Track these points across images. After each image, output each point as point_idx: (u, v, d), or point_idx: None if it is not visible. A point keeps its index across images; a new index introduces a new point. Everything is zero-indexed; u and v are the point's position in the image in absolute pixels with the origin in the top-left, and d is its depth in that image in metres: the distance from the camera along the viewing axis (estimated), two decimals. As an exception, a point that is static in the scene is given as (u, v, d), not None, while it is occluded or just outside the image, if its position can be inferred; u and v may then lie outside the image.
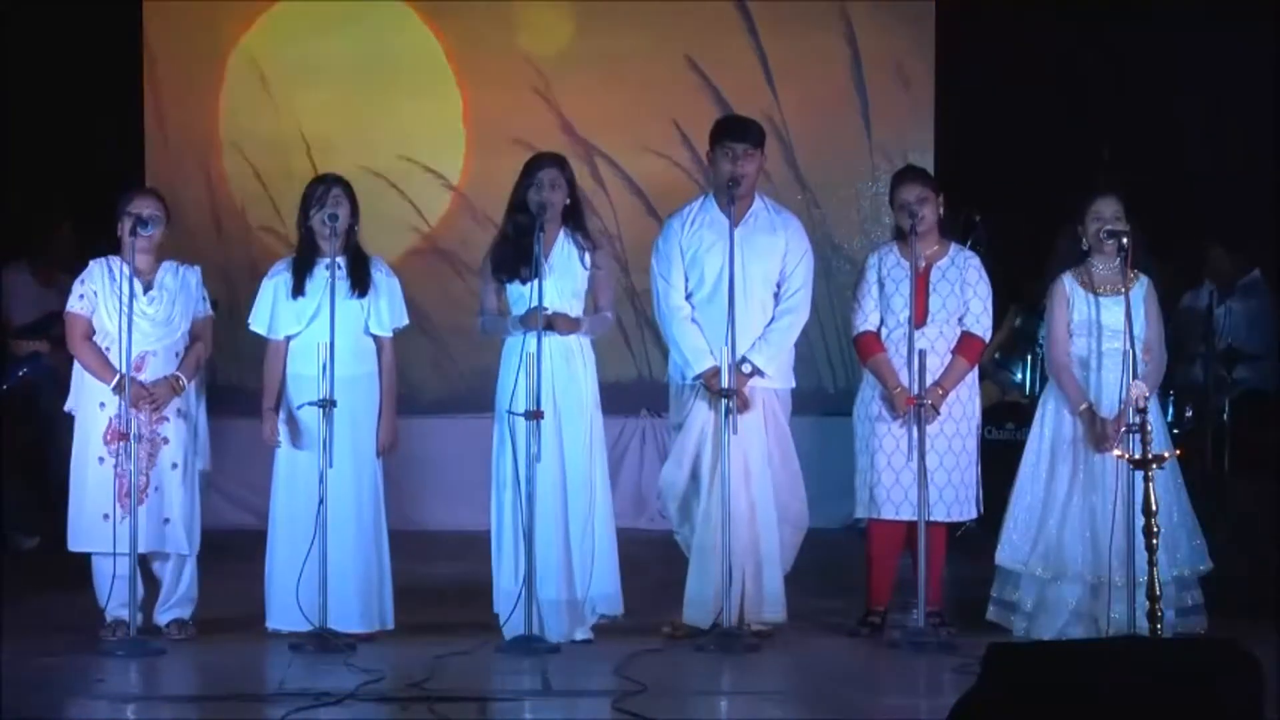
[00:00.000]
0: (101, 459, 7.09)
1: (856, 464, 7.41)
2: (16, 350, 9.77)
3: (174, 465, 7.18)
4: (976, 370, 7.49)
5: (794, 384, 7.41)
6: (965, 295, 7.35)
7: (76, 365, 7.25)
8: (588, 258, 7.21)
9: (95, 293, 7.18)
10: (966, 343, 7.35)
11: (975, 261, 7.47)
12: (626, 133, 11.13)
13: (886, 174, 10.15)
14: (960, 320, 7.35)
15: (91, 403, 7.17)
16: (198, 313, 7.30)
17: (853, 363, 7.60)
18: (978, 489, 7.40)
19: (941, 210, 7.37)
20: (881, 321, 7.36)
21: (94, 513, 7.04)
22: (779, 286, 7.30)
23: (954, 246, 7.46)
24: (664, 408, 7.75)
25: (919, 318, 7.22)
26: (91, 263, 7.25)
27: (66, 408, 7.29)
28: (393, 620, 7.21)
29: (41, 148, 10.37)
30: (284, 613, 7.08)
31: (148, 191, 7.54)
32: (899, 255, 7.39)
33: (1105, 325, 7.15)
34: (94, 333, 7.20)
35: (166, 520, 7.17)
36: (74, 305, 7.23)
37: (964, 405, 7.37)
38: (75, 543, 7.16)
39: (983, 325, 7.38)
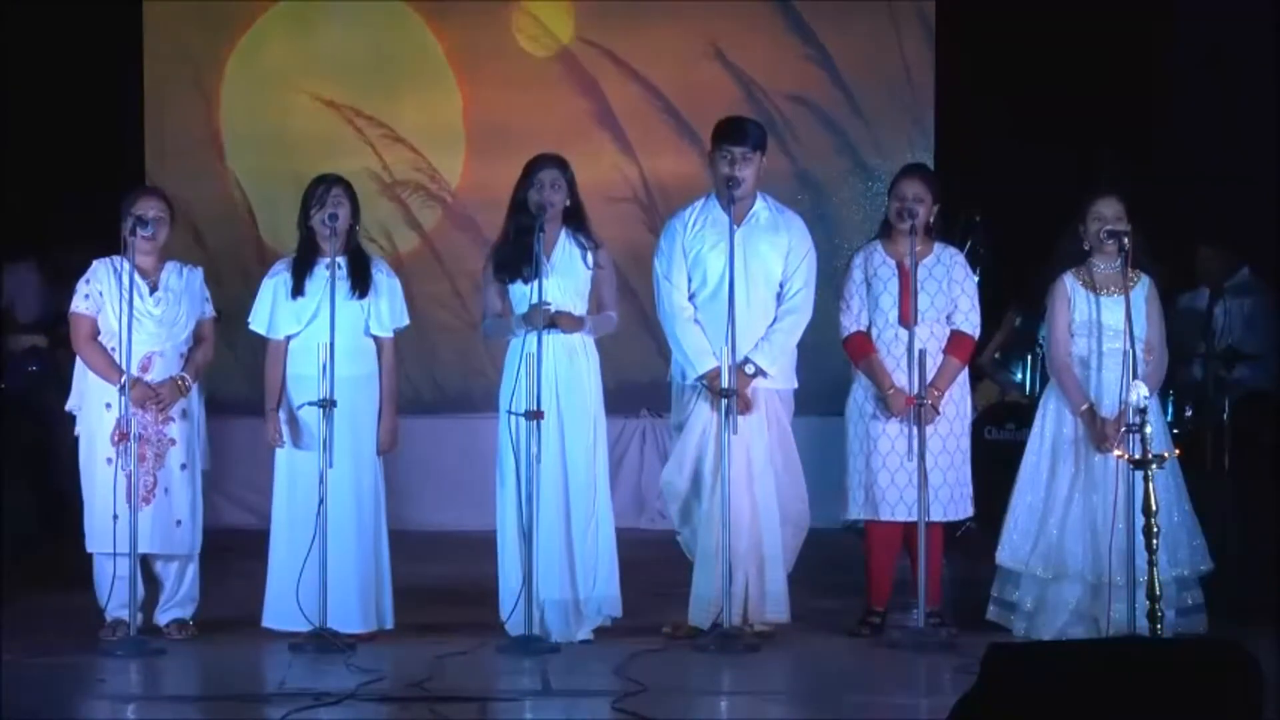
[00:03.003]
0: (109, 460, 7.08)
1: (849, 465, 7.40)
2: (14, 345, 9.79)
3: (183, 466, 7.19)
4: (967, 368, 7.50)
5: (796, 385, 7.41)
6: (953, 293, 7.35)
7: (78, 365, 7.25)
8: (590, 257, 7.21)
9: (101, 293, 7.18)
10: (957, 341, 7.35)
11: (960, 259, 7.47)
12: (628, 131, 11.13)
13: (886, 174, 10.17)
14: (949, 319, 7.35)
15: (98, 403, 7.16)
16: (201, 313, 7.30)
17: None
18: (972, 487, 7.41)
19: (933, 218, 7.36)
20: (870, 322, 7.36)
21: (105, 514, 7.03)
22: (781, 286, 7.30)
23: (939, 245, 7.43)
24: (665, 408, 7.75)
25: (908, 317, 7.21)
26: (95, 263, 7.24)
27: (68, 407, 7.29)
28: (392, 620, 7.21)
29: (42, 147, 10.37)
30: (284, 613, 7.08)
31: (151, 191, 7.53)
32: (884, 254, 7.39)
33: (1106, 325, 7.15)
34: (99, 333, 7.20)
35: (179, 522, 7.18)
36: (79, 305, 7.23)
37: (957, 405, 7.37)
38: (92, 543, 7.15)
39: (972, 323, 7.38)
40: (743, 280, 7.11)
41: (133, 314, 6.98)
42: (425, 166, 11.17)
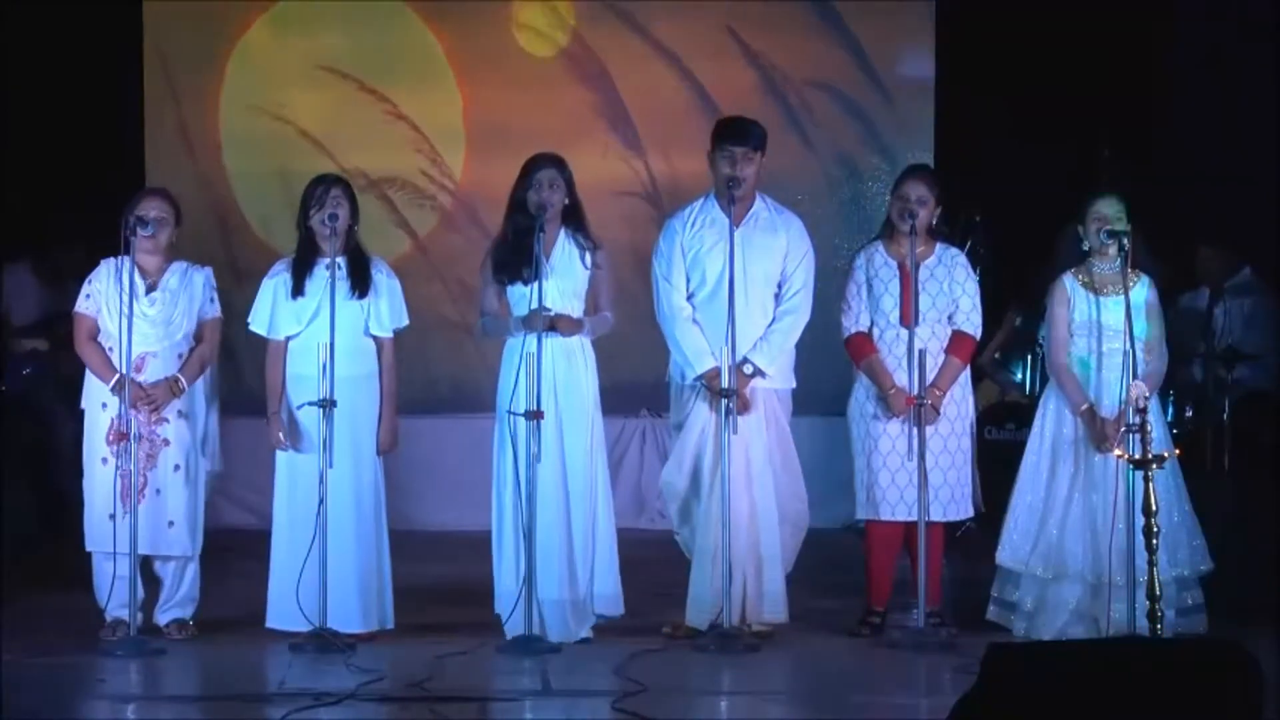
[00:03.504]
0: (105, 459, 7.10)
1: (855, 465, 7.40)
2: (15, 349, 9.79)
3: (176, 467, 7.18)
4: (969, 368, 7.50)
5: (794, 384, 7.41)
6: (954, 293, 7.34)
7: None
8: (588, 257, 7.20)
9: (100, 293, 7.19)
10: (959, 341, 7.35)
11: (962, 259, 7.47)
12: (631, 128, 11.14)
13: (886, 174, 10.17)
14: (950, 319, 7.35)
15: (95, 403, 7.19)
16: (204, 314, 7.29)
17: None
18: (975, 487, 7.40)
19: (935, 220, 7.36)
20: (872, 322, 7.36)
21: (102, 513, 7.06)
22: (780, 287, 7.30)
23: (939, 245, 7.43)
24: (665, 408, 7.75)
25: (909, 318, 7.21)
26: (101, 262, 7.25)
27: (81, 406, 7.30)
28: (392, 620, 7.21)
29: (42, 147, 10.37)
30: (284, 613, 7.08)
31: (156, 192, 7.47)
32: (886, 254, 7.38)
33: (1106, 325, 7.15)
34: (100, 332, 7.20)
35: (171, 523, 7.17)
36: (81, 305, 7.24)
37: (958, 405, 7.37)
38: (90, 542, 7.17)
39: (973, 323, 7.38)
40: (741, 280, 7.10)
41: (132, 314, 6.98)
42: (426, 164, 11.17)
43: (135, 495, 6.99)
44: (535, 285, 7.02)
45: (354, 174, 8.72)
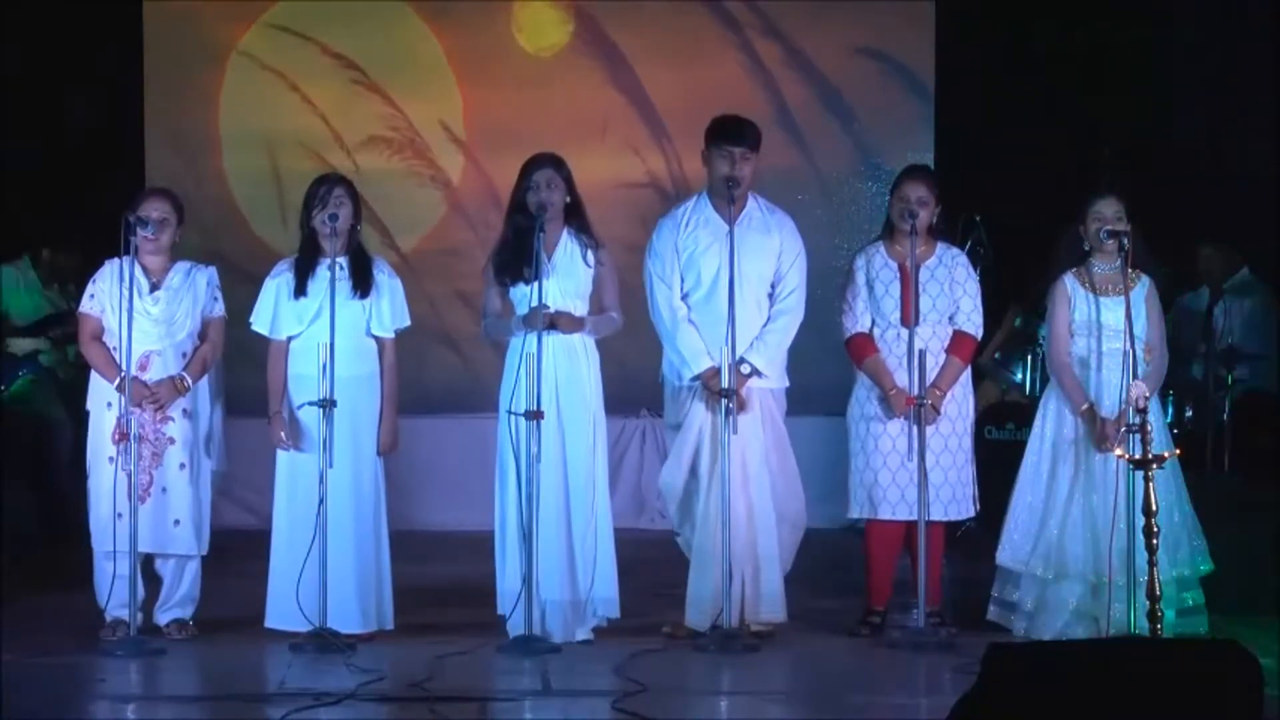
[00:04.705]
0: (111, 458, 7.09)
1: (851, 464, 7.40)
2: (15, 350, 9.79)
3: (181, 466, 7.19)
4: (969, 368, 7.50)
5: (788, 383, 7.40)
6: (955, 294, 7.34)
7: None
8: (590, 255, 7.19)
9: (104, 292, 7.19)
10: (960, 341, 7.35)
11: (963, 260, 7.47)
12: (624, 132, 11.14)
13: (886, 174, 10.18)
14: (951, 319, 7.35)
15: (100, 403, 7.19)
16: (208, 313, 7.28)
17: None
18: (974, 487, 7.41)
19: (934, 219, 7.36)
20: (873, 323, 7.36)
21: (108, 512, 7.06)
22: (774, 287, 7.30)
23: (940, 245, 7.42)
24: (663, 408, 7.74)
25: (910, 318, 7.21)
26: (105, 263, 7.25)
27: (87, 406, 7.31)
28: (392, 621, 7.21)
29: (41, 147, 10.37)
30: (284, 613, 7.08)
31: (158, 193, 7.44)
32: (886, 255, 7.38)
33: (1106, 325, 7.15)
34: (104, 332, 7.20)
35: (176, 522, 7.17)
36: (85, 305, 7.25)
37: (959, 404, 7.37)
38: (96, 541, 7.17)
39: (974, 323, 7.38)
40: (736, 280, 7.09)
41: (132, 313, 6.99)
42: (425, 166, 11.18)
43: (137, 495, 6.99)
44: (536, 284, 7.01)
45: (354, 173, 8.69)
